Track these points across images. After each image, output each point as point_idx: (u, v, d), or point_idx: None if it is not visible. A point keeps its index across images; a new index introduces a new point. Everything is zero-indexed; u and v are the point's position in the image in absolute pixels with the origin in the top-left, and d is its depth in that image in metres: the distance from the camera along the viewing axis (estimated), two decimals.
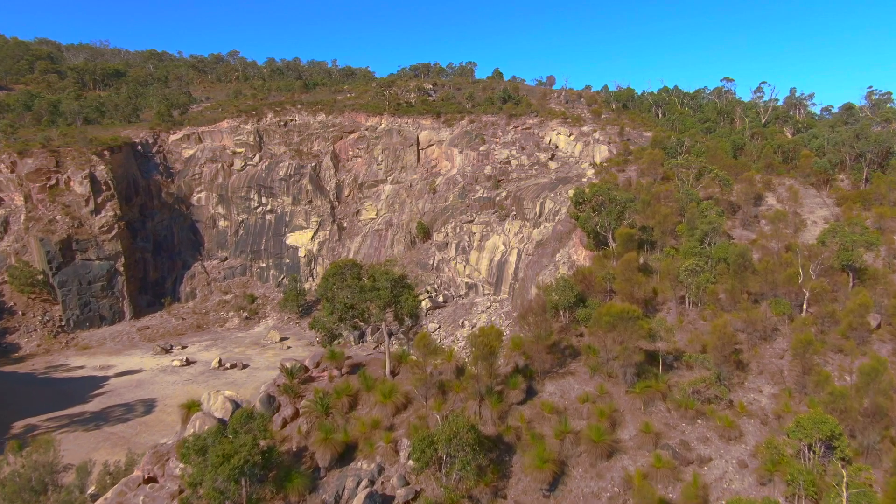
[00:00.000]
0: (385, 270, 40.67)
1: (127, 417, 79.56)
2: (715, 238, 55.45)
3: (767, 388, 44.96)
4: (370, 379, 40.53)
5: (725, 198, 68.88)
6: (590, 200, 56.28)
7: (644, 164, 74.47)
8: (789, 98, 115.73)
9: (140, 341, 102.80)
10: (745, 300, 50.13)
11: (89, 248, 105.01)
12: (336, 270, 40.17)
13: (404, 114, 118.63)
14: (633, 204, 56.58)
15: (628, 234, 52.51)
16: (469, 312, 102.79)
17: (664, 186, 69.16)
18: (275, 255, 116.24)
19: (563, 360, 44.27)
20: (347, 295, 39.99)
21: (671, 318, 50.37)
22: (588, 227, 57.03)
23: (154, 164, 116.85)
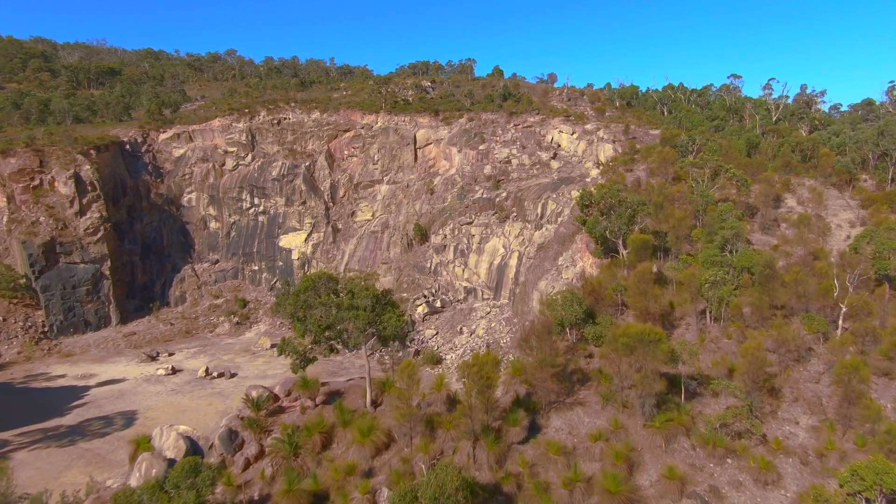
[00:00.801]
0: (366, 286, 34.20)
1: (105, 432, 73.25)
2: (736, 245, 48.85)
3: (804, 418, 38.42)
4: (347, 412, 34.12)
5: (743, 199, 62.28)
6: (597, 203, 49.77)
7: (654, 164, 67.87)
8: (800, 95, 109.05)
9: (126, 348, 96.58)
10: (775, 316, 43.60)
11: (74, 251, 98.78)
12: (308, 284, 33.76)
13: (401, 112, 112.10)
14: (646, 207, 50.08)
15: (642, 240, 46.01)
16: (468, 318, 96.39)
17: (676, 187, 62.58)
18: (267, 258, 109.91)
19: (570, 387, 37.82)
20: (322, 314, 33.59)
21: (691, 336, 43.87)
22: (596, 233, 50.56)
23: (143, 163, 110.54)
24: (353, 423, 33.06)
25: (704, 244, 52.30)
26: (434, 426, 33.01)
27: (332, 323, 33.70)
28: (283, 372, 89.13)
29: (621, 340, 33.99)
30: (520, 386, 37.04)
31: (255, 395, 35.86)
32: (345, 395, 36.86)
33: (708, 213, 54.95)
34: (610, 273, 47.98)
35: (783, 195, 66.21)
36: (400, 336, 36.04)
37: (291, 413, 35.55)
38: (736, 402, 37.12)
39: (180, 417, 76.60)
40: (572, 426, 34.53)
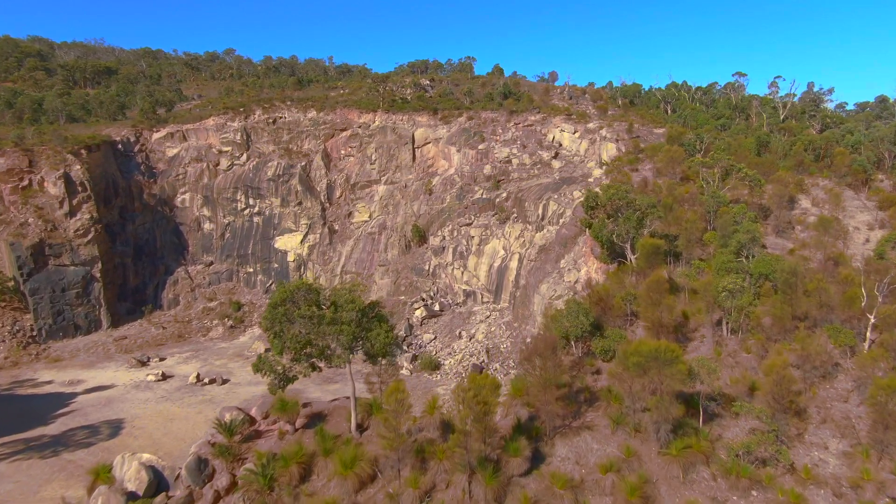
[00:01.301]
0: (351, 297, 30.23)
1: (89, 442, 69.39)
2: (752, 249, 44.85)
3: (834, 442, 34.41)
4: (329, 439, 30.18)
5: (756, 200, 58.24)
6: (604, 205, 45.79)
7: (661, 163, 63.82)
8: (807, 93, 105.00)
9: (116, 353, 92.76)
10: (798, 327, 39.60)
11: (63, 253, 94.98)
12: (286, 296, 29.81)
13: (399, 110, 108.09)
14: (656, 209, 46.10)
15: (653, 245, 42.02)
16: (467, 322, 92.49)
17: (684, 188, 58.55)
18: (262, 260, 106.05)
19: (576, 408, 33.87)
20: (301, 328, 29.65)
21: (706, 349, 39.89)
22: (602, 237, 46.57)
23: (135, 163, 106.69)
24: (335, 452, 29.17)
25: (717, 249, 48.31)
26: (426, 456, 29.13)
27: (313, 338, 29.76)
28: None
29: (633, 359, 30.03)
30: (521, 408, 33.14)
31: (228, 419, 31.94)
32: (328, 418, 32.94)
33: (720, 215, 50.94)
34: (617, 280, 44.02)
35: (796, 196, 62.17)
36: (389, 353, 31.99)
37: (269, 438, 31.66)
38: (759, 425, 33.24)
39: (168, 426, 72.82)
40: (580, 454, 30.62)
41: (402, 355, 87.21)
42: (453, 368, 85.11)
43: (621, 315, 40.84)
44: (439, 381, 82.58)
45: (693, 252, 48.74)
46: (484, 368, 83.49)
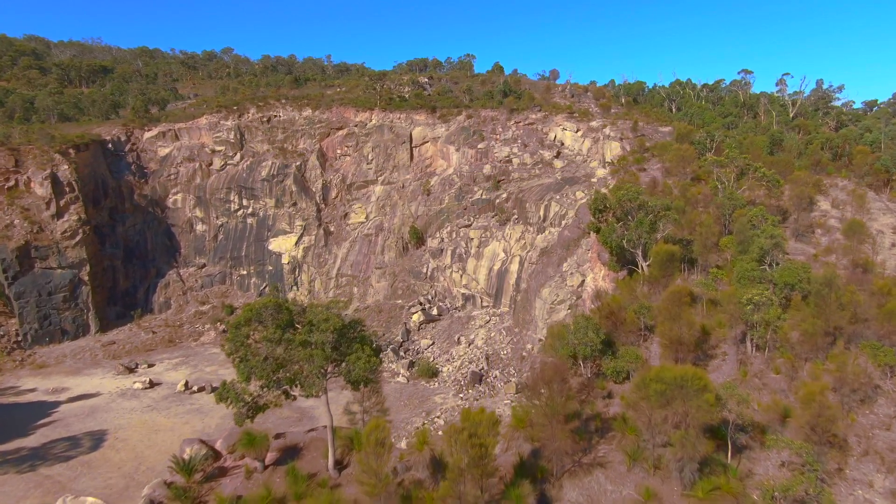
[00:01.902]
0: (326, 316, 25.59)
1: (69, 455, 64.90)
2: (776, 256, 40.16)
3: (880, 479, 29.70)
4: (302, 480, 25.52)
5: (773, 202, 53.51)
6: (613, 208, 41.14)
7: (671, 162, 59.09)
8: (816, 90, 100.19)
9: (103, 358, 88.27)
10: (832, 344, 34.92)
11: (50, 256, 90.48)
12: (251, 315, 25.20)
13: (397, 109, 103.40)
14: (670, 212, 41.46)
15: (668, 252, 37.34)
16: (466, 327, 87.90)
17: (697, 188, 53.85)
18: (256, 262, 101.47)
19: (587, 440, 29.25)
20: (269, 353, 25.04)
21: (729, 369, 35.24)
22: (611, 242, 41.90)
23: (126, 163, 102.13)
24: (308, 497, 24.57)
25: (734, 255, 43.62)
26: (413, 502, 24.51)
27: (285, 361, 25.16)
28: None
29: (654, 387, 25.40)
30: (524, 442, 28.54)
31: (188, 454, 27.34)
32: (303, 452, 28.33)
33: (737, 218, 46.23)
34: (628, 290, 39.38)
35: (814, 197, 57.41)
36: (372, 380, 27.37)
37: (234, 477, 27.08)
38: (792, 457, 28.64)
39: (153, 438, 68.29)
40: (592, 498, 26.01)
41: (400, 362, 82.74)
42: (452, 375, 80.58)
43: (634, 330, 36.23)
44: (437, 388, 78.06)
45: (709, 258, 44.06)
46: (483, 376, 78.99)
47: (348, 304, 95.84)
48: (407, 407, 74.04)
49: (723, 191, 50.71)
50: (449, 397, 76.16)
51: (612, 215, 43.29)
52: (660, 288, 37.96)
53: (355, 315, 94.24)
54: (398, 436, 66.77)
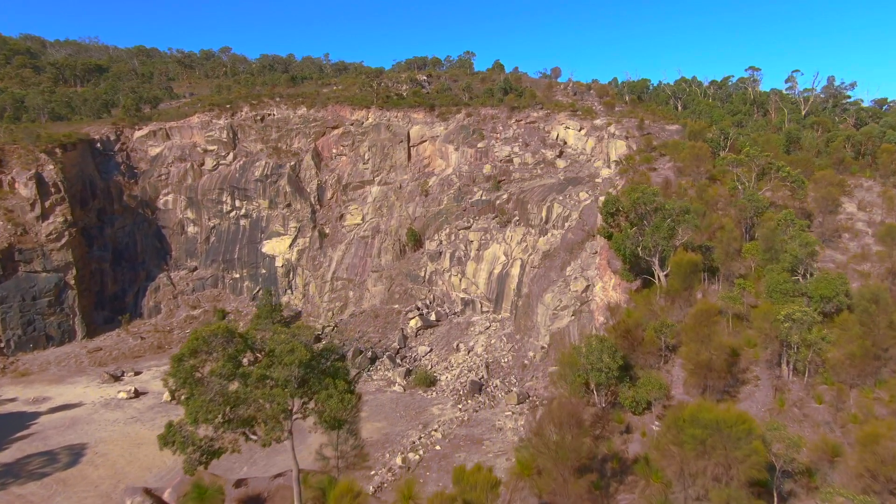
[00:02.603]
0: (292, 345, 20.55)
1: (44, 472, 60.00)
2: (810, 266, 35.07)
3: None
4: None
5: (796, 204, 48.39)
6: (627, 211, 36.10)
7: (684, 161, 53.97)
8: (827, 87, 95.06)
9: (89, 366, 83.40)
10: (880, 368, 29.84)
11: (34, 259, 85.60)
12: (197, 344, 20.23)
13: (394, 107, 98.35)
14: (690, 217, 36.41)
15: (691, 262, 32.27)
16: (465, 333, 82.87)
17: (713, 189, 48.76)
18: (249, 265, 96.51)
19: (604, 486, 24.19)
20: (219, 390, 20.03)
21: (763, 396, 30.18)
22: (625, 250, 36.84)
23: (115, 163, 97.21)
24: None
25: (759, 263, 38.52)
26: None
27: (239, 402, 20.19)
28: None
29: (690, 432, 20.37)
30: (530, 496, 23.50)
31: None
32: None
33: (763, 222, 41.12)
34: (645, 304, 34.38)
35: (839, 198, 52.22)
36: (350, 421, 22.32)
37: None
38: None
39: (134, 453, 63.33)
40: None
41: (396, 370, 77.81)
42: (450, 385, 75.58)
43: (653, 351, 31.24)
44: (434, 398, 73.08)
45: (732, 267, 38.99)
46: (483, 385, 74.00)
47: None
48: (403, 419, 69.10)
49: (743, 192, 45.63)
50: (447, 408, 71.18)
51: (624, 219, 38.29)
52: (680, 302, 32.95)
53: (351, 318, 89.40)
54: (393, 450, 61.90)
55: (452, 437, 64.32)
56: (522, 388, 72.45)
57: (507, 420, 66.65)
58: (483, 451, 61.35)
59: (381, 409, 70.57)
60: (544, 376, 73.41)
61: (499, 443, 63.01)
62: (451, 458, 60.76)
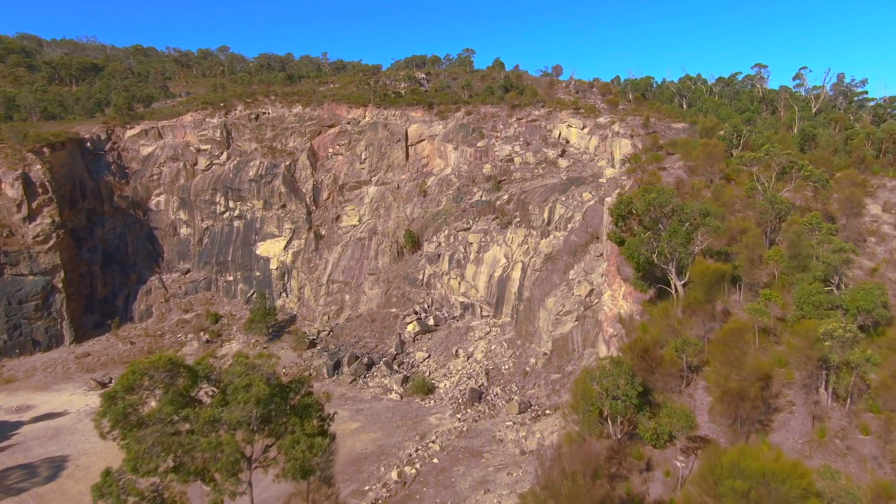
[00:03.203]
0: (249, 380, 16.57)
1: (21, 487, 56.26)
2: (844, 275, 31.06)
3: None
4: None
5: (818, 206, 44.36)
6: (641, 214, 32.15)
7: (696, 160, 49.93)
8: (837, 84, 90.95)
9: (76, 372, 79.59)
10: None
11: (21, 262, 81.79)
12: (133, 380, 16.34)
13: (391, 105, 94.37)
14: (710, 220, 32.45)
15: (716, 272, 28.24)
16: (464, 339, 78.93)
17: (730, 190, 44.74)
18: (243, 268, 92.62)
19: None
20: (160, 436, 16.05)
21: (799, 425, 26.20)
22: (639, 257, 32.86)
23: (106, 163, 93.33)
24: None
25: (785, 271, 34.51)
26: None
27: (186, 449, 16.26)
28: None
29: (731, 485, 16.40)
30: None
31: None
32: None
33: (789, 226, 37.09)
34: (662, 317, 30.41)
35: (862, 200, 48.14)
36: (324, 470, 18.35)
37: None
38: None
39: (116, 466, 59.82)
40: None
41: (393, 376, 73.94)
42: (449, 392, 71.71)
43: (674, 372, 27.29)
44: (433, 407, 69.18)
45: (755, 275, 34.99)
46: (483, 393, 70.10)
47: (340, 312, 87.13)
48: (400, 429, 65.22)
49: (763, 193, 41.62)
50: (446, 417, 67.29)
51: (637, 223, 34.34)
52: (702, 315, 29.00)
53: (347, 322, 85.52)
54: (389, 464, 58.05)
55: (451, 450, 60.44)
56: (524, 396, 68.54)
57: (507, 431, 62.78)
58: (483, 464, 57.52)
59: (377, 419, 66.71)
60: (546, 384, 69.52)
61: (499, 455, 59.15)
62: (449, 471, 56.96)
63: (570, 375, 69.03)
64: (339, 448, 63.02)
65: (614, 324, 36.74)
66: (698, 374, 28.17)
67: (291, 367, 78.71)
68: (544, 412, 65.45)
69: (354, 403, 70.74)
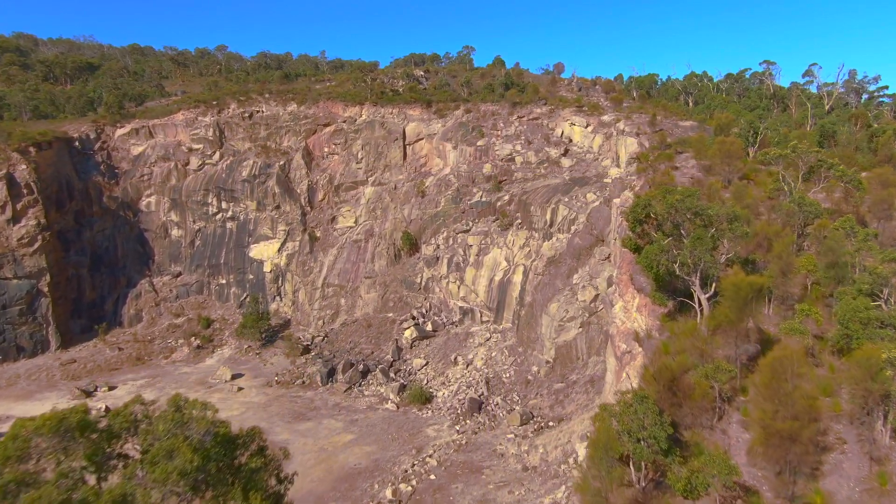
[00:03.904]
0: (172, 444, 12.29)
1: None
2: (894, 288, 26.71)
3: None
4: None
5: (849, 208, 39.96)
6: (662, 218, 27.85)
7: (712, 159, 45.55)
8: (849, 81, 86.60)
9: (61, 379, 75.43)
10: None
11: (5, 265, 77.68)
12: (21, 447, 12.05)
13: (389, 103, 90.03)
14: (738, 225, 28.16)
15: (752, 285, 23.91)
16: (463, 345, 74.65)
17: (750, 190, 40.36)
18: (236, 270, 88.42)
19: None
20: None
21: (854, 468, 21.86)
22: (658, 266, 28.53)
23: (95, 162, 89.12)
24: None
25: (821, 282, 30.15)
26: None
27: None
28: (242, 413, 67.72)
29: None
30: None
31: None
32: None
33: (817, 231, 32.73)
34: (686, 335, 26.09)
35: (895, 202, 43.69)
36: None
37: None
38: None
39: None
40: None
41: (389, 385, 69.74)
42: (447, 402, 67.49)
43: (706, 405, 22.99)
44: (430, 418, 64.93)
45: (787, 288, 30.65)
46: (483, 403, 65.86)
47: (335, 317, 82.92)
48: (395, 441, 61.03)
49: (788, 194, 37.28)
50: (444, 429, 63.06)
51: (654, 228, 30.07)
52: (733, 335, 24.73)
53: (342, 327, 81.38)
54: (383, 480, 53.82)
55: (449, 465, 56.23)
56: (525, 406, 64.30)
57: (509, 444, 58.58)
58: (483, 481, 53.34)
59: (372, 431, 62.53)
60: (549, 394, 65.25)
61: (500, 472, 54.96)
62: (447, 489, 52.78)
63: (575, 385, 64.81)
64: (332, 463, 58.97)
65: (628, 339, 32.45)
66: (730, 404, 23.94)
67: (284, 375, 74.64)
68: (547, 424, 61.22)
69: (349, 413, 66.59)
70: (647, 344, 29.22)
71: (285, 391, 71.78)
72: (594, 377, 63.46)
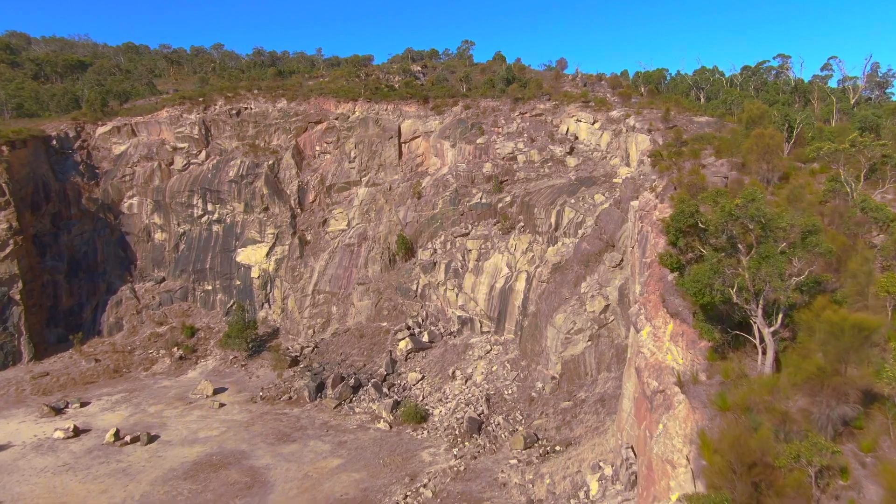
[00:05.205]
0: None
1: None
2: None
3: None
4: None
5: None
6: (718, 230, 20.53)
7: (748, 155, 38.00)
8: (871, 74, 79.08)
9: (31, 394, 68.41)
10: None
11: None
12: None
13: (384, 99, 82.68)
14: (815, 239, 20.89)
15: (858, 328, 16.53)
16: (462, 358, 67.43)
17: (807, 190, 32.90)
18: (223, 276, 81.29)
19: None
20: None
21: None
22: (710, 293, 21.13)
23: (73, 162, 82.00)
24: None
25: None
26: None
27: None
28: (222, 433, 60.51)
29: None
30: None
31: None
32: None
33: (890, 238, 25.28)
34: (763, 390, 18.70)
35: None
36: None
37: None
38: None
39: None
40: None
41: (382, 401, 62.60)
42: (444, 421, 60.31)
43: (797, 497, 15.79)
44: (426, 440, 57.77)
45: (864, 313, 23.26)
46: (483, 423, 58.64)
47: (326, 325, 75.76)
48: (387, 467, 53.92)
49: (850, 198, 29.93)
50: (440, 452, 55.93)
51: (699, 241, 22.80)
52: (825, 392, 17.47)
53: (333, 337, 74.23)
54: None
55: (445, 496, 49.12)
56: (529, 427, 57.08)
57: (511, 472, 51.44)
58: None
59: (362, 455, 55.40)
60: (556, 413, 58.00)
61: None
62: None
63: (583, 404, 57.56)
64: (316, 492, 51.81)
65: (660, 376, 25.16)
66: (824, 492, 16.73)
67: (270, 389, 67.53)
68: (553, 448, 54.00)
69: (337, 434, 59.51)
70: (693, 390, 21.98)
71: (270, 408, 64.72)
72: (604, 396, 56.28)
